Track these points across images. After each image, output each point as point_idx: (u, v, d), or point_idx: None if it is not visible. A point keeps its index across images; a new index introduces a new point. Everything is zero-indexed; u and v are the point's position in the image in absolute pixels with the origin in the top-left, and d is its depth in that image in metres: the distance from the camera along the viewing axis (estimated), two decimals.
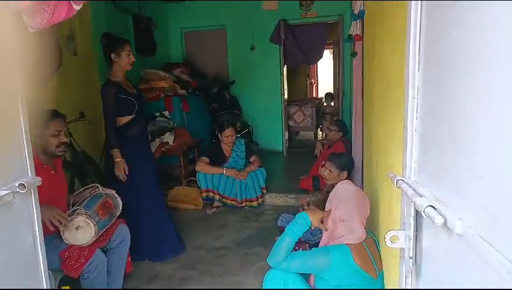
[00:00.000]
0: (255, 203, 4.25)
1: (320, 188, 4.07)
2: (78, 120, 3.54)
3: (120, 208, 2.52)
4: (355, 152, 3.68)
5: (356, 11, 3.08)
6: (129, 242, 2.57)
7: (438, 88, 1.00)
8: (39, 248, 1.39)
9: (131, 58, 2.93)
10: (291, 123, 7.19)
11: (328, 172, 3.03)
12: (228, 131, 4.25)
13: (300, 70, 10.04)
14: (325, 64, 11.26)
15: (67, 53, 3.68)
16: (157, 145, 4.44)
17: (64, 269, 2.14)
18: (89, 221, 2.16)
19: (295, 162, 5.91)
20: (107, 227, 2.39)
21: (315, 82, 12.04)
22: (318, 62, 8.43)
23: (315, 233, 2.68)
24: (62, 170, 2.50)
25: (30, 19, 1.20)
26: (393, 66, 1.75)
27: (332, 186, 2.98)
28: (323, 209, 2.20)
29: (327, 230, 2.06)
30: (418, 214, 1.11)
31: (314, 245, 2.60)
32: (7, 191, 1.20)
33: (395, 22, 1.66)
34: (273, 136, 6.52)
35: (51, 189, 2.15)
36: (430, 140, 1.06)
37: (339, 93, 6.60)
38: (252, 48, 6.38)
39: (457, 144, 0.89)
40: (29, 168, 1.35)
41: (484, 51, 0.76)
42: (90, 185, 2.54)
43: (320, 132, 7.78)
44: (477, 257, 0.77)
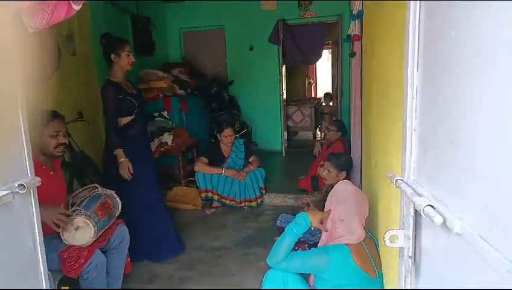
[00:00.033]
0: (254, 203, 4.25)
1: (319, 188, 4.07)
2: (77, 120, 3.53)
3: (119, 209, 2.51)
4: (354, 152, 3.68)
5: (355, 11, 3.09)
6: (128, 242, 2.57)
7: (437, 88, 1.00)
8: (39, 248, 1.39)
9: (131, 58, 2.93)
10: (290, 123, 7.20)
11: (327, 172, 3.03)
12: (227, 131, 4.25)
13: (299, 70, 10.04)
14: (324, 64, 11.28)
15: (66, 53, 3.68)
16: (156, 145, 4.43)
17: (63, 270, 2.14)
18: (89, 221, 2.16)
19: (294, 162, 5.91)
20: (107, 227, 2.39)
21: (314, 82, 12.05)
22: (317, 62, 8.44)
23: (314, 233, 2.68)
24: (61, 171, 2.49)
25: (30, 19, 1.20)
26: (392, 66, 1.75)
27: (331, 186, 2.98)
28: (322, 209, 2.21)
29: (327, 231, 2.06)
30: (417, 214, 1.11)
31: (313, 245, 2.60)
32: (7, 191, 1.20)
33: (394, 22, 1.66)
34: (272, 136, 6.53)
35: (50, 189, 2.15)
36: (429, 140, 1.07)
37: (338, 93, 6.61)
38: (251, 48, 6.38)
39: (456, 144, 0.89)
40: (28, 168, 1.35)
41: (483, 51, 0.76)
42: (89, 186, 2.53)
43: (319, 132, 7.78)
44: (476, 256, 0.77)
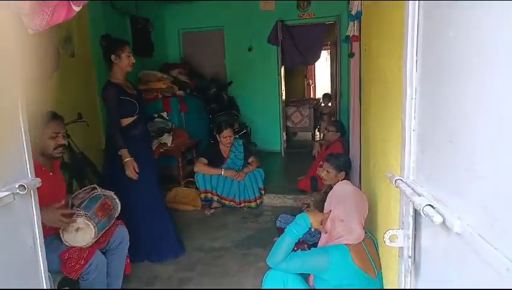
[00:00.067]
0: (254, 204, 4.25)
1: (318, 189, 4.08)
2: (76, 121, 3.54)
3: (119, 210, 2.52)
4: (353, 152, 3.69)
5: (353, 12, 3.09)
6: (128, 243, 2.57)
7: (436, 88, 1.00)
8: (39, 249, 1.39)
9: (131, 59, 2.93)
10: (289, 124, 7.20)
11: (326, 173, 3.03)
12: (226, 132, 4.25)
13: (297, 71, 10.05)
14: (323, 65, 11.29)
15: (64, 54, 3.68)
16: (155, 146, 4.44)
17: (64, 271, 2.14)
18: (89, 222, 2.16)
19: (293, 162, 5.92)
20: (107, 228, 2.39)
21: (313, 83, 12.07)
22: (315, 63, 8.45)
23: (313, 234, 2.69)
24: (60, 172, 2.49)
25: (30, 20, 1.20)
26: (390, 66, 1.76)
27: (330, 186, 2.99)
28: (321, 209, 2.21)
29: (326, 233, 2.07)
30: (417, 213, 1.12)
31: (312, 245, 2.60)
32: (7, 192, 1.20)
33: (393, 22, 1.67)
34: (271, 136, 6.53)
35: (49, 191, 2.15)
36: (428, 140, 1.07)
37: (337, 93, 6.62)
38: (250, 49, 6.38)
39: (455, 144, 0.89)
40: (28, 169, 1.35)
41: (482, 51, 0.77)
42: (88, 187, 2.53)
43: (318, 133, 7.79)
44: (475, 256, 0.77)
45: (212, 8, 6.26)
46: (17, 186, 1.24)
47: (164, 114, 5.02)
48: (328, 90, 8.86)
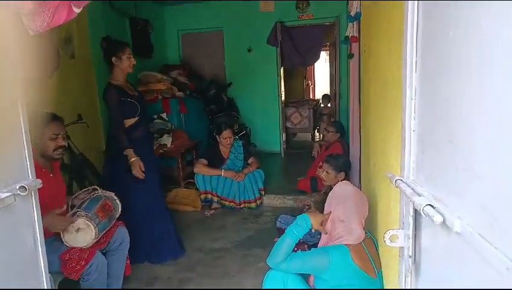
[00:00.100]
0: (254, 204, 4.25)
1: (318, 189, 4.08)
2: (76, 123, 3.54)
3: (119, 210, 2.52)
4: (352, 153, 3.69)
5: (352, 13, 3.10)
6: (128, 244, 2.58)
7: (435, 88, 1.01)
8: (40, 250, 1.39)
9: (132, 61, 2.94)
10: (288, 125, 7.21)
11: (326, 173, 3.03)
12: (226, 133, 4.26)
13: (297, 72, 10.06)
14: (322, 65, 11.30)
15: (64, 56, 3.68)
16: (155, 147, 4.44)
17: (64, 271, 2.14)
18: (90, 223, 2.16)
19: (293, 163, 5.92)
20: (107, 229, 2.39)
21: (312, 83, 12.07)
22: (315, 64, 8.46)
23: (314, 234, 2.69)
24: (60, 173, 2.49)
25: (30, 22, 1.20)
26: (390, 67, 1.76)
27: (330, 187, 2.99)
28: (321, 210, 2.21)
29: (327, 233, 2.07)
30: (417, 213, 1.12)
31: (313, 246, 2.61)
32: (8, 193, 1.20)
33: (392, 22, 1.67)
34: (270, 137, 6.53)
35: (50, 192, 2.15)
36: (428, 140, 1.07)
37: (336, 94, 6.62)
38: (249, 50, 6.39)
39: (455, 144, 0.90)
40: (29, 170, 1.35)
41: (482, 51, 0.77)
42: (88, 188, 2.54)
43: (317, 133, 7.79)
44: (476, 255, 0.77)
45: (211, 9, 6.27)
46: (17, 187, 1.25)
47: (164, 115, 5.03)
48: (327, 91, 8.87)
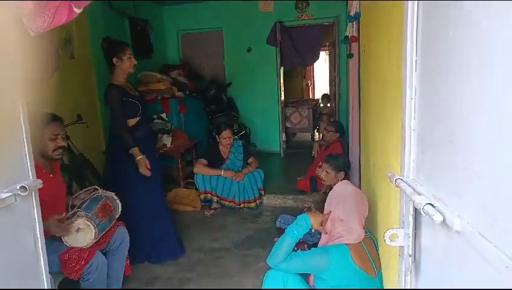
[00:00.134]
0: (253, 204, 4.25)
1: (317, 189, 4.09)
2: (76, 123, 3.54)
3: (119, 211, 2.52)
4: (352, 153, 3.69)
5: (352, 13, 3.10)
6: (128, 244, 2.58)
7: (435, 88, 1.01)
8: (40, 250, 1.39)
9: (133, 61, 2.95)
10: (288, 124, 7.20)
11: (325, 173, 3.04)
12: (226, 133, 4.26)
13: (296, 71, 10.06)
14: (321, 65, 11.30)
15: (64, 56, 3.68)
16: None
17: (64, 271, 2.14)
18: (90, 223, 2.16)
19: (292, 163, 5.92)
20: (107, 229, 2.40)
21: (311, 83, 12.07)
22: (314, 64, 8.46)
23: (314, 234, 2.69)
24: (60, 173, 2.50)
25: (31, 22, 1.21)
26: (390, 66, 1.76)
27: (329, 187, 2.99)
28: (321, 210, 2.22)
29: (327, 233, 2.07)
30: (417, 212, 1.12)
31: (312, 245, 2.61)
32: (9, 193, 1.20)
33: (392, 22, 1.67)
34: (270, 137, 6.53)
35: (50, 192, 2.15)
36: (428, 140, 1.08)
37: (336, 94, 6.63)
38: (249, 50, 6.39)
39: (455, 144, 0.90)
40: (30, 170, 1.35)
41: (482, 51, 0.77)
42: (89, 188, 2.54)
43: (317, 133, 7.80)
44: (475, 254, 0.78)
45: (211, 9, 6.27)
46: (18, 187, 1.25)
47: (163, 115, 5.02)
48: (327, 90, 8.87)
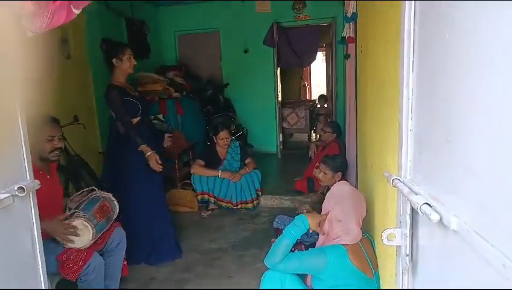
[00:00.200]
0: (250, 205, 4.26)
1: (314, 190, 4.09)
2: (72, 124, 3.53)
3: (117, 212, 2.52)
4: (349, 153, 3.70)
5: (349, 14, 3.11)
6: (125, 245, 2.57)
7: (432, 88, 1.02)
8: (38, 251, 1.39)
9: (132, 61, 2.95)
10: (285, 125, 7.22)
11: (323, 174, 3.04)
12: (223, 134, 4.26)
13: (293, 72, 10.08)
14: (318, 66, 11.32)
15: (60, 56, 3.67)
16: None
17: (62, 272, 2.13)
18: (87, 224, 2.16)
19: (289, 164, 5.93)
20: (104, 230, 2.39)
21: (308, 84, 12.08)
22: (311, 64, 8.48)
23: (311, 234, 2.69)
24: (57, 175, 2.49)
25: (30, 23, 1.21)
26: (386, 67, 1.77)
27: (326, 187, 3.00)
28: (318, 210, 2.22)
29: (324, 234, 2.08)
30: (414, 212, 1.13)
31: (310, 246, 2.61)
32: (6, 194, 1.20)
33: (389, 23, 1.68)
34: (267, 138, 6.54)
35: (47, 194, 2.14)
36: (425, 140, 1.08)
37: (333, 95, 6.64)
38: (246, 51, 6.39)
39: (452, 143, 0.90)
40: (27, 171, 1.35)
41: (478, 51, 0.78)
42: (87, 189, 2.54)
43: (314, 134, 7.81)
44: (472, 252, 0.78)
45: (208, 10, 6.28)
46: (16, 188, 1.25)
47: (160, 116, 5.02)
48: (324, 91, 8.90)
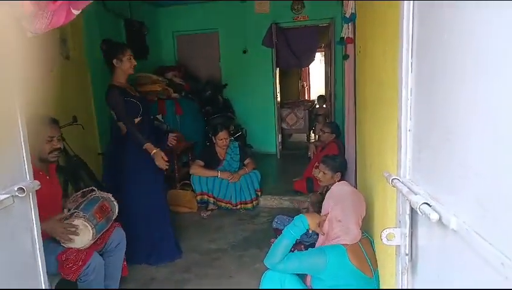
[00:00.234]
0: (250, 205, 4.26)
1: (314, 190, 4.09)
2: (71, 124, 3.53)
3: (116, 212, 2.52)
4: (348, 153, 3.71)
5: (347, 14, 3.11)
6: (125, 245, 2.58)
7: (431, 88, 1.02)
8: (38, 251, 1.39)
9: (132, 62, 2.95)
10: (284, 126, 7.22)
11: (322, 174, 3.04)
12: (222, 134, 4.26)
13: (292, 73, 10.09)
14: (317, 66, 11.33)
15: (59, 57, 3.67)
16: None
17: (62, 272, 2.13)
18: (87, 224, 2.16)
19: (288, 164, 5.94)
20: (104, 230, 2.39)
21: (307, 85, 12.10)
22: (310, 65, 8.49)
23: (310, 234, 2.70)
24: (56, 175, 2.49)
25: (30, 24, 1.21)
26: (385, 67, 1.78)
27: (326, 188, 3.00)
28: (317, 210, 2.22)
29: (324, 234, 2.08)
30: (413, 212, 1.13)
31: (309, 246, 2.62)
32: (6, 195, 1.20)
33: (387, 23, 1.69)
34: (266, 138, 6.55)
35: (46, 195, 2.14)
36: (424, 140, 1.09)
37: (331, 95, 6.65)
38: (245, 51, 6.40)
39: (451, 143, 0.91)
40: (27, 172, 1.35)
41: (476, 51, 0.78)
42: (86, 189, 2.54)
43: (313, 134, 7.82)
44: (471, 251, 0.79)
45: (206, 11, 6.28)
46: (16, 188, 1.25)
47: (159, 117, 5.02)
48: (323, 91, 8.90)
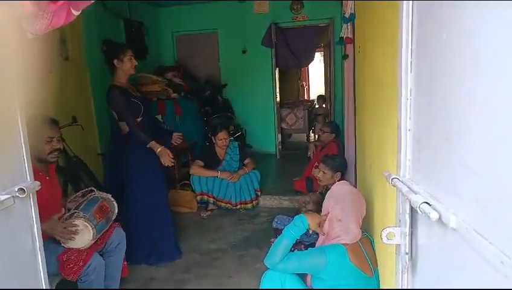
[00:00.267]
0: (250, 205, 4.26)
1: (313, 190, 4.10)
2: (71, 125, 3.53)
3: (116, 212, 2.52)
4: (348, 153, 3.71)
5: (347, 14, 3.11)
6: (125, 245, 2.58)
7: (431, 88, 1.02)
8: (38, 251, 1.39)
9: (133, 62, 2.95)
10: (283, 125, 7.22)
11: (322, 174, 3.04)
12: (222, 134, 4.26)
13: (292, 73, 10.08)
14: (316, 66, 11.34)
15: (58, 58, 3.67)
16: None
17: (62, 272, 2.14)
18: (87, 224, 2.17)
19: (288, 164, 5.94)
20: (104, 230, 2.40)
21: (307, 84, 12.09)
22: (309, 65, 8.49)
23: (310, 234, 2.70)
24: (56, 176, 2.49)
25: (30, 25, 1.21)
26: (385, 67, 1.78)
27: (326, 187, 3.00)
28: (316, 210, 2.23)
29: (324, 234, 2.08)
30: (413, 211, 1.14)
31: (309, 246, 2.62)
32: (7, 195, 1.20)
33: (386, 23, 1.69)
34: (266, 138, 6.55)
35: (46, 195, 2.14)
36: (424, 139, 1.09)
37: (331, 95, 6.66)
38: (244, 51, 6.40)
39: (450, 143, 0.91)
40: (27, 172, 1.35)
41: (475, 51, 0.78)
42: (85, 189, 2.54)
43: (312, 134, 7.82)
44: (471, 250, 0.79)
45: (206, 11, 6.28)
46: (16, 189, 1.25)
47: (159, 117, 5.02)
48: (322, 91, 8.90)
